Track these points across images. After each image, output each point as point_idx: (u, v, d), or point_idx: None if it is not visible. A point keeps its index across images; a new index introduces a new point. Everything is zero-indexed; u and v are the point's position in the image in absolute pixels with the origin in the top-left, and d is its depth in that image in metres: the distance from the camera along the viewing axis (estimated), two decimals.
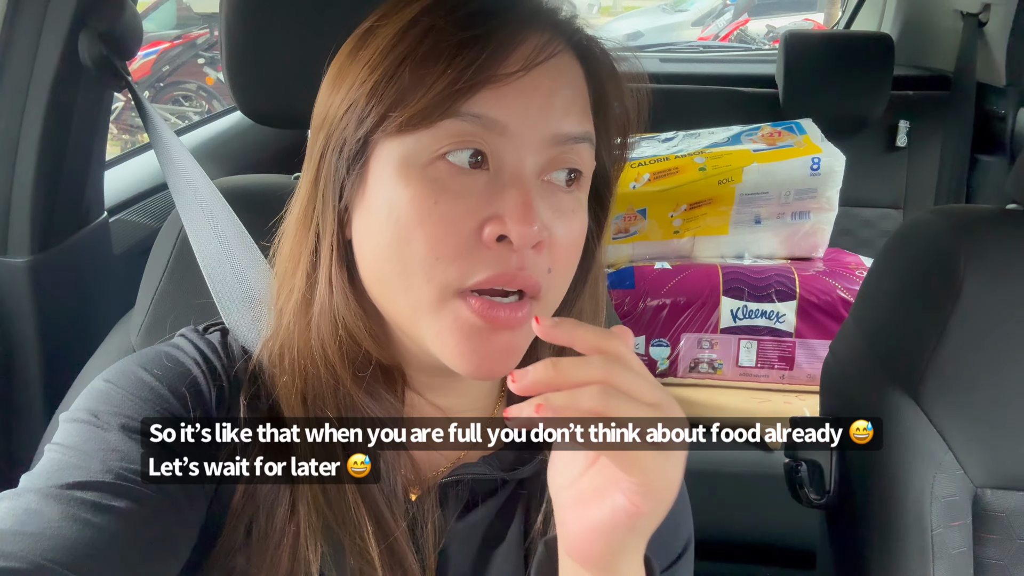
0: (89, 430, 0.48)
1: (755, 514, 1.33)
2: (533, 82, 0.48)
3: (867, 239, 1.91)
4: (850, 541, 0.83)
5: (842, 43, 1.96)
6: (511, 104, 0.47)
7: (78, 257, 1.06)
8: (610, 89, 0.54)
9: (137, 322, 0.87)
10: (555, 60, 0.49)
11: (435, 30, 0.47)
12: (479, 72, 0.46)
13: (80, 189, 1.05)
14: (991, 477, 0.73)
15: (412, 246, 0.47)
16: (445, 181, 0.47)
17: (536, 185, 0.48)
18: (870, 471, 0.77)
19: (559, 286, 0.51)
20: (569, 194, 0.50)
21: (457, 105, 0.46)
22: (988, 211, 0.82)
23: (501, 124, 0.47)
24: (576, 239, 0.51)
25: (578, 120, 0.50)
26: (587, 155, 0.51)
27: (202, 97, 4.92)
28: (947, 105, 1.93)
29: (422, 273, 0.47)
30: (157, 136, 0.86)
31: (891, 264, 0.87)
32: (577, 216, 0.51)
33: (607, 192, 0.57)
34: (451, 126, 0.47)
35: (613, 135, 0.55)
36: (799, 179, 1.58)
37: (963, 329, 0.74)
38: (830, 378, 0.93)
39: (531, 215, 0.46)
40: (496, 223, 0.46)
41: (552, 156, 0.49)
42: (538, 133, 0.48)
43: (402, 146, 0.48)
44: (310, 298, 0.52)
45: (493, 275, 0.47)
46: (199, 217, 0.73)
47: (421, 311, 0.48)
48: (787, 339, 1.50)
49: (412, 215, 0.47)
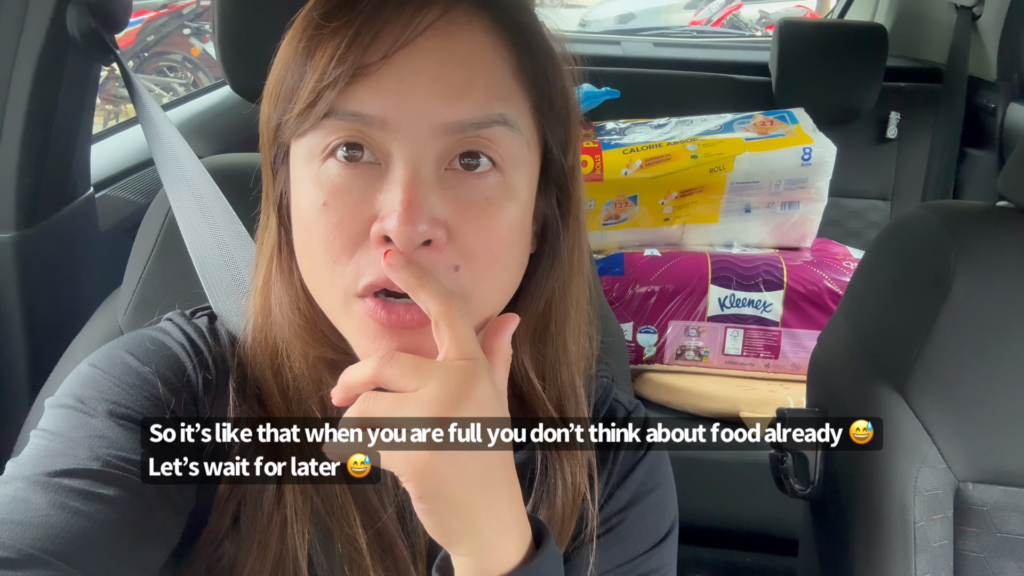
0: (75, 416, 0.48)
1: (739, 501, 1.35)
2: (412, 67, 0.44)
3: (855, 230, 1.92)
4: (833, 531, 0.84)
5: (836, 33, 1.96)
6: (387, 97, 0.44)
7: (64, 233, 1.04)
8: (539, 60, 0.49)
9: (124, 302, 0.86)
10: (447, 34, 0.45)
11: (312, 24, 0.46)
12: (340, 65, 0.44)
13: (67, 164, 1.03)
14: (973, 471, 0.74)
15: (313, 249, 0.46)
16: (334, 180, 0.45)
17: (434, 177, 0.45)
18: (855, 464, 0.78)
19: (484, 282, 0.47)
20: (482, 180, 0.46)
21: (333, 103, 0.44)
22: (979, 207, 0.83)
23: (379, 119, 0.44)
24: (497, 231, 0.46)
25: (480, 102, 0.45)
26: (502, 138, 0.46)
27: (187, 68, 4.84)
28: (938, 98, 1.94)
29: (326, 276, 0.46)
30: (144, 112, 0.84)
31: (881, 258, 0.88)
32: (497, 205, 0.46)
33: (564, 176, 0.52)
34: (331, 124, 0.45)
35: (555, 109, 0.50)
36: (790, 169, 1.59)
37: (951, 325, 0.74)
38: (817, 369, 0.94)
39: (414, 214, 0.43)
40: (380, 222, 0.44)
41: (451, 143, 0.45)
42: (424, 122, 0.44)
43: (301, 146, 0.47)
44: (269, 290, 0.52)
45: (378, 278, 0.44)
46: (186, 197, 0.72)
47: (334, 312, 0.48)
48: (773, 328, 1.51)
49: (308, 217, 0.46)
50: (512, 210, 0.47)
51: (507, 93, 0.47)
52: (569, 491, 0.53)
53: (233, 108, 1.60)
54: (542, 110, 0.49)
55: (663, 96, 1.93)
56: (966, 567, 0.73)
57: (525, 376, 0.54)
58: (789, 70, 1.91)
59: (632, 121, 1.73)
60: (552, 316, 0.54)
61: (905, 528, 0.73)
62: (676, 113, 1.75)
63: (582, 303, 0.56)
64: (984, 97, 1.91)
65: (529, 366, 0.54)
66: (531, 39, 0.49)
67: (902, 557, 0.73)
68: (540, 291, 0.53)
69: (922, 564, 0.72)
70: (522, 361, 0.54)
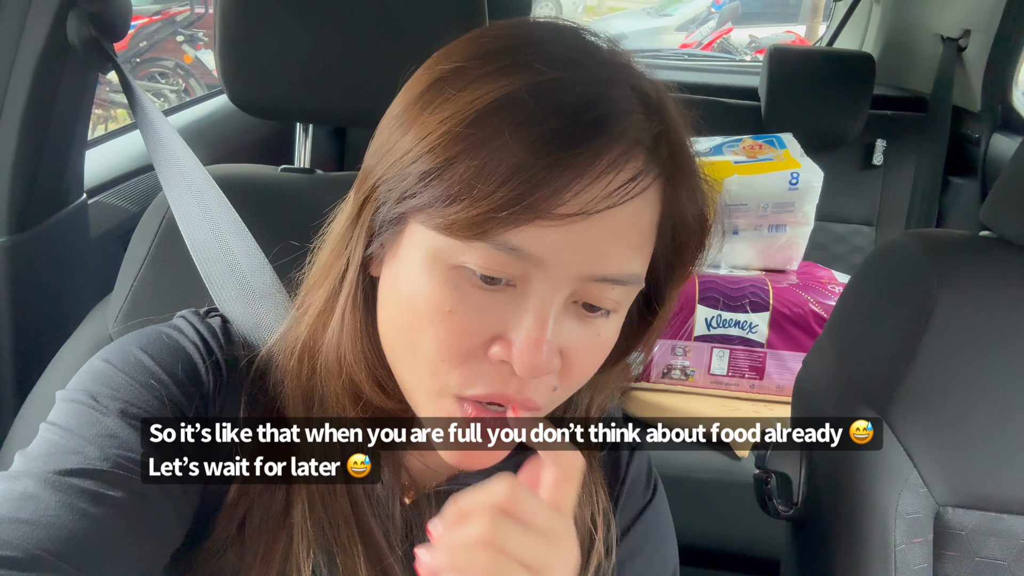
0: (87, 413, 0.48)
1: (720, 521, 1.35)
2: (594, 224, 0.42)
3: (840, 254, 1.95)
4: (815, 553, 0.84)
5: (825, 61, 1.99)
6: (554, 243, 0.42)
7: (56, 239, 1.04)
8: (688, 213, 0.48)
9: (115, 308, 0.86)
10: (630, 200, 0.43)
11: (500, 139, 0.42)
12: (528, 209, 0.41)
13: (61, 170, 1.03)
14: (953, 496, 0.75)
15: (421, 340, 0.45)
16: (466, 290, 0.44)
17: (561, 308, 0.45)
18: (838, 486, 0.79)
19: (562, 398, 0.49)
20: (598, 318, 0.46)
21: (495, 233, 0.42)
22: (962, 237, 0.84)
23: (536, 258, 0.43)
24: (596, 359, 0.48)
25: (629, 261, 0.45)
26: (629, 294, 0.47)
27: (179, 75, 4.83)
28: (923, 126, 1.97)
29: (426, 367, 0.46)
30: (145, 118, 0.84)
31: (866, 284, 0.89)
32: (604, 338, 0.47)
33: (659, 298, 0.51)
34: (483, 249, 0.43)
35: (680, 254, 0.50)
36: (777, 192, 1.61)
37: (933, 352, 0.76)
38: (802, 391, 0.95)
39: (540, 349, 0.43)
40: (504, 345, 0.44)
41: (587, 288, 0.45)
42: (574, 270, 0.44)
43: (434, 241, 0.44)
44: (327, 319, 0.51)
45: (491, 393, 0.45)
46: (189, 203, 0.72)
47: (420, 393, 0.47)
48: (759, 349, 1.52)
49: (426, 312, 0.45)
50: (612, 338, 0.48)
51: (646, 246, 0.47)
52: (580, 529, 0.53)
53: (225, 118, 1.60)
54: (664, 241, 0.49)
55: None
56: None
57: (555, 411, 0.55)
58: (778, 96, 1.94)
59: None
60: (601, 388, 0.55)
61: (886, 551, 0.74)
62: None
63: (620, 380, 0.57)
64: (968, 127, 1.95)
65: (561, 408, 0.55)
66: (684, 178, 0.47)
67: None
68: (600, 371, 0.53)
69: None
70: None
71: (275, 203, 0.86)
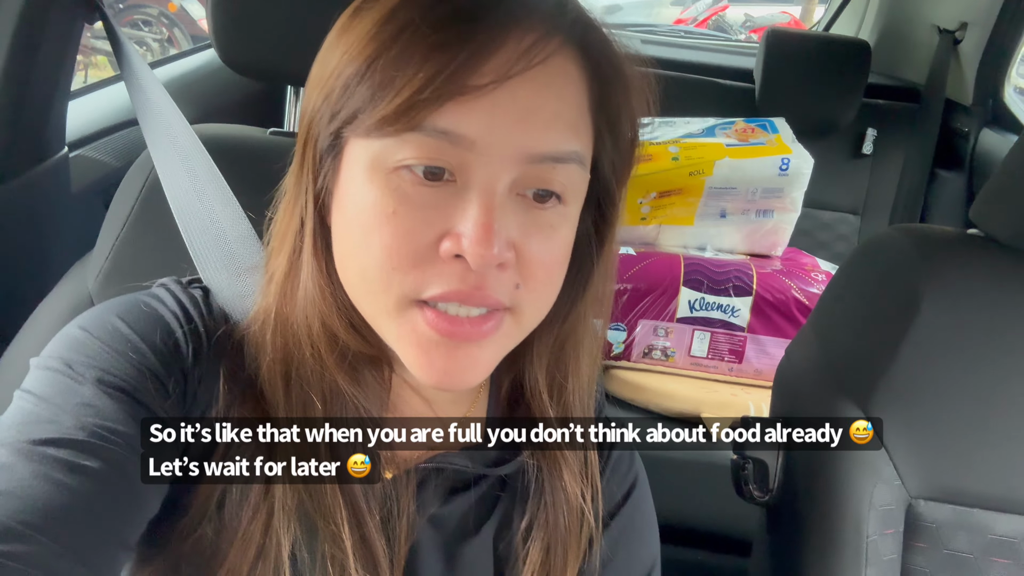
0: (62, 381, 0.47)
1: (694, 501, 1.37)
2: (510, 94, 0.44)
3: (824, 241, 1.96)
4: (787, 538, 0.86)
5: (822, 46, 1.98)
6: (481, 119, 0.44)
7: (36, 192, 1.02)
8: (616, 90, 0.50)
9: (96, 267, 0.84)
10: (544, 64, 0.45)
11: (411, 27, 0.44)
12: (447, 83, 0.43)
13: (43, 121, 1.00)
14: (926, 489, 0.76)
15: (370, 252, 0.46)
16: (407, 190, 0.45)
17: (506, 201, 0.46)
18: (814, 475, 0.80)
19: (536, 300, 0.49)
20: (548, 210, 0.47)
21: (422, 117, 0.43)
22: (951, 234, 0.85)
23: (468, 140, 0.44)
24: (555, 255, 0.48)
25: (563, 136, 0.46)
26: (573, 175, 0.48)
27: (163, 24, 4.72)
28: (914, 117, 1.98)
29: (379, 281, 0.46)
30: (131, 72, 0.82)
31: (853, 276, 0.90)
32: (558, 231, 0.48)
33: (609, 203, 0.53)
34: (415, 139, 0.44)
35: (618, 140, 0.51)
36: (767, 178, 1.61)
37: (916, 348, 0.77)
38: (783, 380, 0.95)
39: (490, 237, 0.44)
40: (453, 240, 0.44)
41: (528, 172, 0.46)
42: (511, 150, 0.45)
43: (369, 148, 0.46)
44: (294, 281, 0.51)
45: (448, 291, 0.45)
46: (175, 166, 0.70)
47: (382, 316, 0.48)
48: (739, 333, 1.53)
49: (371, 221, 0.45)
50: (567, 233, 0.49)
51: (582, 127, 0.48)
52: (573, 505, 0.54)
53: (215, 74, 1.57)
54: (603, 137, 0.50)
55: None
56: None
57: (535, 391, 0.55)
58: (773, 79, 1.93)
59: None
60: (572, 335, 0.55)
61: (858, 540, 0.75)
62: (660, 113, 1.75)
63: (597, 328, 0.57)
64: (958, 121, 1.95)
65: (542, 384, 0.55)
66: (613, 71, 0.49)
67: (853, 568, 0.75)
68: (567, 309, 0.54)
69: None
70: (535, 377, 0.55)
71: (262, 167, 0.84)
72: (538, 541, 0.54)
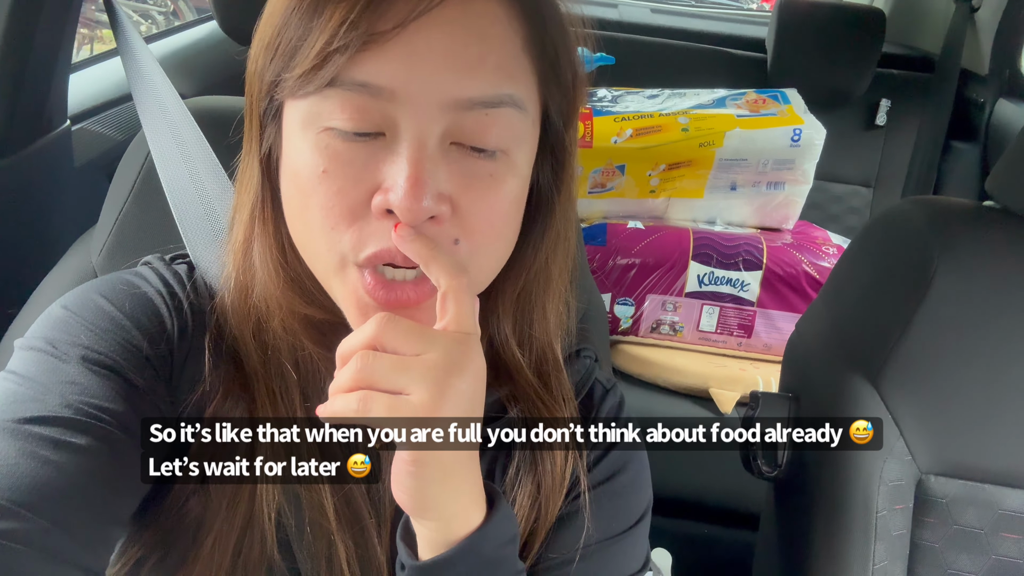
0: (46, 360, 0.47)
1: (703, 474, 1.37)
2: (425, 39, 0.42)
3: (835, 214, 1.94)
4: (796, 512, 0.86)
5: (835, 14, 1.94)
6: (397, 68, 0.42)
7: (38, 166, 1.01)
8: (550, 29, 0.47)
9: (99, 242, 0.84)
10: (462, 6, 0.43)
11: None
12: (352, 30, 0.42)
13: (44, 94, 0.99)
14: (936, 464, 0.76)
15: (309, 213, 0.45)
16: (337, 147, 0.44)
17: (438, 152, 0.44)
18: (823, 450, 0.80)
19: (481, 255, 0.47)
20: (489, 160, 0.45)
21: (338, 70, 0.42)
22: (966, 206, 0.83)
23: (388, 90, 0.43)
24: (498, 207, 0.46)
25: (491, 79, 0.44)
26: (511, 120, 0.45)
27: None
28: (929, 88, 1.94)
29: (321, 241, 0.45)
30: (127, 45, 0.81)
31: (865, 250, 0.88)
32: (502, 183, 0.46)
33: (563, 148, 0.51)
34: (336, 95, 0.43)
35: (560, 80, 0.49)
36: (779, 149, 1.58)
37: (928, 322, 0.75)
38: (793, 355, 0.95)
39: (419, 190, 0.42)
40: (383, 195, 0.43)
41: (459, 120, 0.44)
42: (435, 97, 0.43)
43: (299, 108, 0.45)
44: (250, 249, 0.50)
45: (381, 249, 0.44)
46: (167, 140, 0.70)
47: (327, 276, 0.47)
48: (748, 308, 1.52)
49: (306, 182, 0.45)
50: (513, 185, 0.47)
51: (517, 70, 0.46)
52: (559, 459, 0.54)
53: (218, 46, 1.55)
54: (547, 83, 0.48)
55: (658, 65, 1.91)
56: (921, 556, 0.76)
57: (505, 343, 0.54)
58: (785, 49, 1.90)
59: (625, 89, 1.71)
60: (536, 284, 0.54)
61: (867, 516, 0.75)
62: (670, 84, 1.73)
63: (564, 272, 0.56)
64: (974, 91, 1.91)
65: (510, 334, 0.54)
66: (544, 10, 0.48)
67: (862, 544, 0.75)
68: (529, 260, 0.53)
69: (880, 551, 0.74)
70: (503, 328, 0.54)
71: None
72: (526, 486, 0.53)
